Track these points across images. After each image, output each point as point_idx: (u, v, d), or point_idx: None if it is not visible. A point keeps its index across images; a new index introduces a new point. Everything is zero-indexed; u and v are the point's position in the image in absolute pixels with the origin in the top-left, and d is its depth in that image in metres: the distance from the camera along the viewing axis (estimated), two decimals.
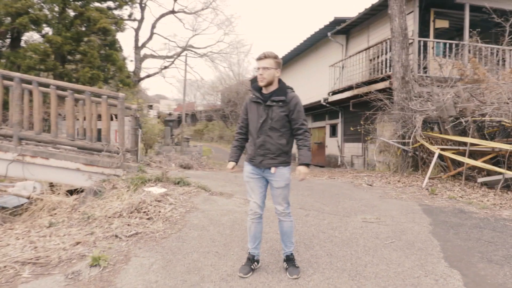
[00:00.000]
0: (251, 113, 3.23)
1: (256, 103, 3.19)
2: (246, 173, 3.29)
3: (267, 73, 3.09)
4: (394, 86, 9.47)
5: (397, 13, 9.29)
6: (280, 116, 3.12)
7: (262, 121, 3.15)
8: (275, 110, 3.12)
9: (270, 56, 3.12)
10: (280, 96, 3.13)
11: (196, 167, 13.91)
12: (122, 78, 18.16)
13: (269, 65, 3.09)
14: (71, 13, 17.15)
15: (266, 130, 3.15)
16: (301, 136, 3.20)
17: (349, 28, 15.08)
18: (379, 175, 9.67)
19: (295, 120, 3.15)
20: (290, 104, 3.15)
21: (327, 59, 16.75)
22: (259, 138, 3.17)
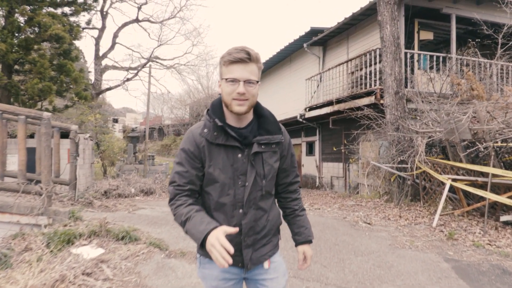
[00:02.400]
0: (215, 168, 1.58)
1: (226, 147, 1.58)
2: (212, 281, 1.66)
3: (253, 91, 1.54)
4: (387, 102, 8.08)
5: (389, 20, 7.96)
6: (274, 170, 1.69)
7: (251, 183, 1.59)
8: (267, 159, 1.65)
9: (257, 60, 1.56)
10: (272, 134, 1.66)
11: (159, 192, 12.06)
12: (78, 91, 16.05)
13: (255, 76, 1.54)
14: (19, 17, 15.00)
15: (257, 198, 1.64)
16: (297, 195, 1.86)
17: (326, 39, 13.78)
18: (370, 204, 8.20)
19: (288, 171, 1.79)
20: (283, 146, 1.74)
21: (303, 71, 15.38)
22: (246, 216, 1.61)
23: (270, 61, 17.40)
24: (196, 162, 1.56)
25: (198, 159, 1.56)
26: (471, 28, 11.60)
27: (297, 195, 1.84)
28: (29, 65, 15.39)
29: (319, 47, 14.36)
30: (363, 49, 11.76)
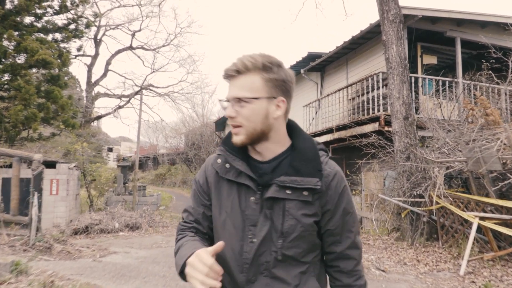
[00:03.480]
0: (222, 210, 1.19)
1: (239, 186, 1.17)
2: None
3: (245, 113, 1.13)
4: (395, 128, 7.19)
5: (394, 39, 7.19)
6: (304, 227, 1.14)
7: (259, 240, 1.13)
8: (291, 210, 1.13)
9: (257, 68, 1.12)
10: (302, 176, 1.13)
11: (145, 227, 10.95)
12: (65, 118, 15.16)
13: (248, 90, 1.12)
14: (5, 43, 14.28)
15: (271, 264, 1.14)
16: (353, 281, 1.22)
17: (324, 65, 13.08)
18: (379, 243, 7.17)
19: (337, 235, 1.21)
20: (327, 196, 1.15)
21: (300, 98, 14.61)
22: (253, 286, 1.14)
23: None
24: (204, 199, 1.25)
25: (206, 195, 1.25)
26: (476, 52, 10.94)
27: (354, 280, 1.21)
28: (15, 91, 14.55)
29: (317, 73, 13.66)
30: (363, 74, 11.03)
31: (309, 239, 1.14)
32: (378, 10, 7.68)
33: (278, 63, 1.17)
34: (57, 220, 13.15)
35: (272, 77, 1.12)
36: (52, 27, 16.35)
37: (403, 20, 7.66)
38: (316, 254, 1.20)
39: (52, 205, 13.17)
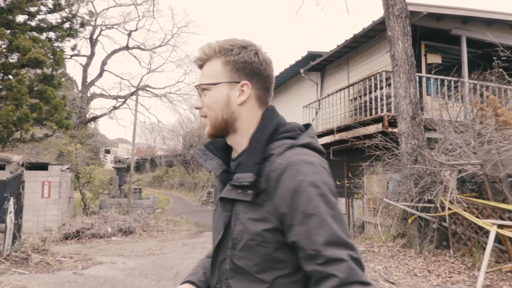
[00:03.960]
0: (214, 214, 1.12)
1: (220, 182, 1.05)
2: None
3: (207, 101, 1.04)
4: (401, 129, 6.77)
5: (400, 35, 6.77)
6: (251, 234, 0.93)
7: (215, 244, 1.04)
8: (240, 214, 0.96)
9: (218, 53, 1.03)
10: (243, 171, 0.95)
11: (139, 231, 10.48)
12: (59, 119, 14.69)
13: (209, 77, 1.03)
14: None
15: (227, 274, 0.98)
16: None
17: (325, 64, 12.67)
18: (384, 250, 6.73)
19: (302, 250, 0.87)
20: (275, 196, 0.90)
21: (300, 99, 14.20)
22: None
23: None
24: None
25: None
26: (481, 51, 10.55)
27: None
28: (6, 91, 14.08)
29: (317, 72, 13.25)
30: (365, 73, 10.61)
31: (261, 251, 0.93)
32: (383, 4, 7.27)
33: (241, 45, 1.04)
34: (49, 224, 12.69)
35: (232, 59, 1.02)
36: (46, 26, 15.92)
37: (409, 15, 7.24)
38: (284, 274, 0.93)
39: (43, 208, 12.71)
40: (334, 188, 0.94)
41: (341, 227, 0.88)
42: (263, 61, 1.05)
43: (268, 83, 1.08)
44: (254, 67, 1.03)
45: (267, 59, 1.07)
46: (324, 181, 0.91)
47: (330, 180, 0.95)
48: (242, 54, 1.03)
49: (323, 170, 0.94)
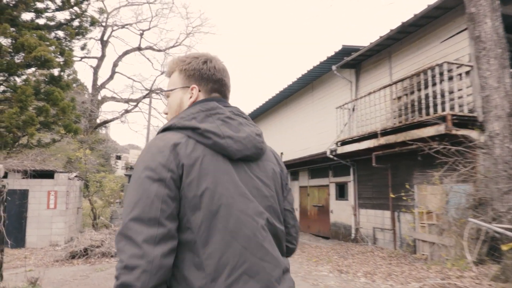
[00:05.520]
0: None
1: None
2: None
3: (169, 104, 1.31)
4: (493, 130, 5.32)
5: (488, 11, 5.35)
6: None
7: None
8: None
9: (174, 66, 1.31)
10: None
11: None
12: (67, 123, 13.47)
13: (170, 85, 1.31)
14: (1, 39, 12.66)
15: None
16: None
17: (360, 60, 11.26)
18: (469, 283, 5.26)
19: None
20: None
21: (330, 99, 12.79)
22: None
23: (290, 89, 14.88)
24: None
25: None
26: None
27: None
28: (10, 93, 12.89)
29: (351, 70, 11.82)
30: (413, 68, 9.19)
31: None
32: None
33: (193, 56, 1.27)
34: (55, 238, 11.40)
35: (185, 68, 1.24)
36: (53, 24, 14.77)
37: None
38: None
39: (49, 220, 11.43)
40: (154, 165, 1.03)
41: None
42: (211, 68, 1.25)
43: (218, 86, 1.26)
44: (203, 73, 1.24)
45: (216, 66, 1.26)
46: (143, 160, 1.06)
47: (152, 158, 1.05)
48: (192, 63, 1.25)
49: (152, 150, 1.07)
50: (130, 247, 0.94)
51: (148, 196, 0.98)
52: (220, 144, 1.09)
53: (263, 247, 1.08)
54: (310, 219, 13.60)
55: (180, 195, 1.03)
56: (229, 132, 1.13)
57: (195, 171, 1.04)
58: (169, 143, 1.06)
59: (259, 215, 1.11)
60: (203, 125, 1.11)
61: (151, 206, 0.97)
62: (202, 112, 1.14)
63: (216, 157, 1.09)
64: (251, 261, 1.04)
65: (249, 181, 1.14)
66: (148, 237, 0.94)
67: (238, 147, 1.12)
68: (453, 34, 8.31)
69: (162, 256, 0.95)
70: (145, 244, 0.94)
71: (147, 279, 0.92)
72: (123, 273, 0.92)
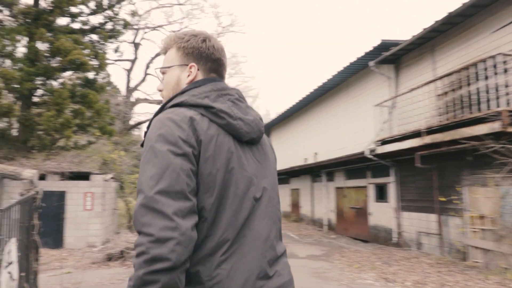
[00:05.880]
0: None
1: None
2: None
3: (165, 81, 1.27)
4: None
5: None
6: None
7: None
8: None
9: (170, 43, 1.27)
10: None
11: None
12: (102, 125, 13.61)
13: (167, 62, 1.27)
14: (39, 44, 12.93)
15: None
16: None
17: (400, 55, 10.68)
18: None
19: None
20: None
21: (365, 98, 12.26)
22: None
23: (321, 88, 14.43)
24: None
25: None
26: None
27: None
28: (48, 96, 13.14)
29: (389, 65, 11.25)
30: (459, 61, 8.56)
31: None
32: None
33: (191, 34, 1.23)
34: (92, 239, 11.46)
35: (183, 45, 1.21)
36: (88, 28, 14.97)
37: None
38: None
39: (86, 222, 11.51)
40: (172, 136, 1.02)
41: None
42: (210, 47, 1.22)
43: (216, 65, 1.24)
44: (202, 51, 1.21)
45: (215, 45, 1.24)
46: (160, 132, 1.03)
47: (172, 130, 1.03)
48: (191, 41, 1.22)
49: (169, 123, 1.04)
50: (160, 220, 0.92)
51: (173, 170, 0.97)
52: (233, 125, 1.11)
53: (258, 229, 1.11)
54: (347, 221, 13.10)
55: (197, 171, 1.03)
56: (240, 114, 1.14)
57: (211, 149, 1.05)
58: (186, 118, 1.05)
59: (259, 198, 1.14)
60: (216, 105, 1.11)
61: (177, 179, 0.97)
62: (214, 92, 1.14)
63: (228, 137, 1.10)
64: (247, 241, 1.07)
65: (252, 163, 1.16)
66: (177, 210, 0.94)
67: (248, 129, 1.14)
68: (505, 23, 7.66)
69: (192, 229, 0.96)
70: (176, 217, 0.93)
71: (181, 251, 0.91)
72: (154, 247, 0.89)
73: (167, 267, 0.89)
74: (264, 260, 1.09)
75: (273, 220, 1.18)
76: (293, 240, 12.04)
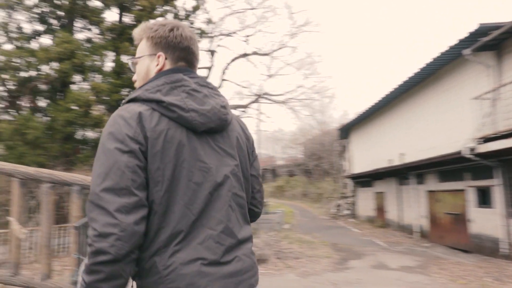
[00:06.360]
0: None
1: None
2: None
3: (137, 71, 1.32)
4: None
5: None
6: None
7: None
8: None
9: (140, 34, 1.31)
10: None
11: (273, 259, 8.65)
12: None
13: (138, 53, 1.32)
14: (123, 57, 13.71)
15: None
16: None
17: (502, 39, 9.33)
18: None
19: None
20: None
21: (458, 90, 10.97)
22: None
23: (405, 84, 13.31)
24: None
25: None
26: None
27: None
28: None
29: (488, 52, 9.90)
30: None
31: None
32: None
33: (160, 24, 1.26)
34: None
35: (151, 35, 1.24)
36: None
37: None
38: None
39: None
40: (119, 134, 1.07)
41: None
42: (178, 35, 1.24)
43: (185, 53, 1.26)
44: (169, 41, 1.23)
45: (183, 34, 1.25)
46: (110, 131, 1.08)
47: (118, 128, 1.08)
48: (159, 30, 1.24)
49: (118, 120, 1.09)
50: (103, 216, 0.99)
51: (118, 168, 1.02)
52: (185, 118, 1.12)
53: (216, 218, 1.13)
54: (443, 228, 11.81)
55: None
56: (194, 105, 1.15)
57: (159, 144, 1.08)
58: (135, 115, 1.08)
59: (217, 187, 1.16)
60: (167, 98, 1.12)
61: (122, 176, 1.02)
62: (167, 85, 1.16)
63: (181, 130, 1.12)
64: (202, 230, 1.11)
65: (211, 153, 1.18)
66: (120, 207, 0.99)
67: (203, 120, 1.14)
68: None
69: (135, 224, 1.00)
70: (118, 213, 0.99)
71: (121, 245, 0.98)
72: (97, 241, 0.98)
73: (108, 259, 0.97)
74: (221, 248, 1.12)
75: (233, 207, 1.20)
76: (381, 248, 11.14)
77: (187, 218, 1.08)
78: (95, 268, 0.98)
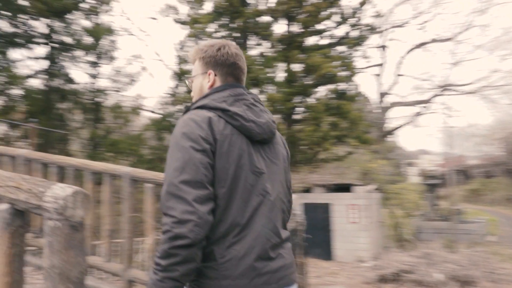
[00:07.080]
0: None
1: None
2: None
3: (193, 88, 1.48)
4: None
5: None
6: None
7: None
8: None
9: (194, 55, 1.45)
10: None
11: (483, 284, 6.98)
12: (357, 134, 13.21)
13: (193, 72, 1.47)
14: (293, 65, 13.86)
15: None
16: None
17: None
18: None
19: None
20: None
21: None
22: None
23: None
24: None
25: None
26: None
27: None
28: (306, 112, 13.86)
29: None
30: None
31: None
32: None
33: (210, 45, 1.39)
34: (360, 253, 10.91)
35: (202, 56, 1.38)
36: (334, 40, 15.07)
37: None
38: None
39: (352, 234, 11.10)
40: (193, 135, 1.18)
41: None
42: (224, 54, 1.36)
43: (232, 69, 1.37)
44: (217, 59, 1.35)
45: (229, 52, 1.36)
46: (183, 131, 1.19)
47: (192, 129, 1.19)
48: (208, 51, 1.37)
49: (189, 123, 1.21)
50: (182, 204, 1.08)
51: (194, 163, 1.12)
52: (246, 127, 1.24)
53: (266, 217, 1.23)
54: None
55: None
56: (253, 117, 1.27)
57: (225, 147, 1.19)
58: (205, 119, 1.20)
59: (266, 191, 1.26)
60: (232, 108, 1.25)
61: (197, 171, 1.12)
62: (232, 97, 1.28)
63: (241, 137, 1.23)
64: (255, 227, 1.21)
65: (262, 160, 1.28)
66: (196, 197, 1.09)
67: (259, 131, 1.27)
68: None
69: (208, 213, 1.11)
70: (195, 203, 1.08)
71: (198, 231, 1.07)
72: (176, 227, 1.06)
73: (186, 243, 1.06)
74: (269, 244, 1.22)
75: (280, 211, 1.31)
76: None
77: (243, 214, 1.19)
78: (173, 251, 1.05)
